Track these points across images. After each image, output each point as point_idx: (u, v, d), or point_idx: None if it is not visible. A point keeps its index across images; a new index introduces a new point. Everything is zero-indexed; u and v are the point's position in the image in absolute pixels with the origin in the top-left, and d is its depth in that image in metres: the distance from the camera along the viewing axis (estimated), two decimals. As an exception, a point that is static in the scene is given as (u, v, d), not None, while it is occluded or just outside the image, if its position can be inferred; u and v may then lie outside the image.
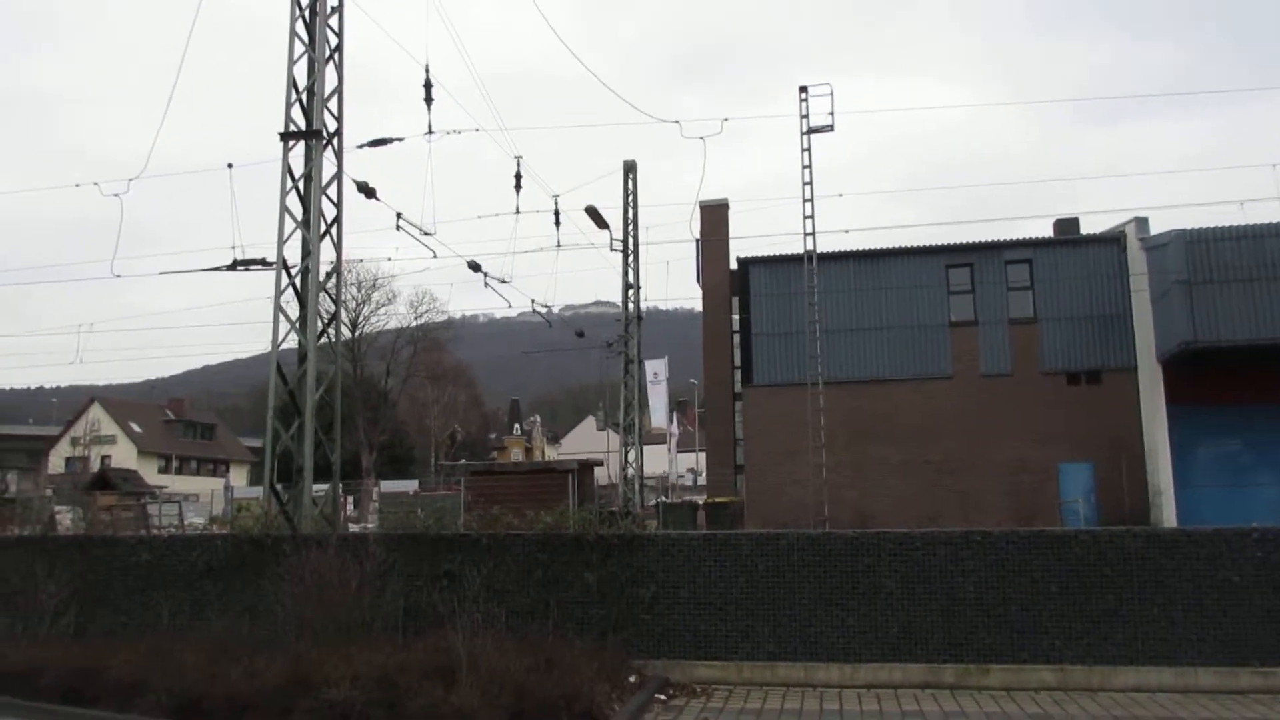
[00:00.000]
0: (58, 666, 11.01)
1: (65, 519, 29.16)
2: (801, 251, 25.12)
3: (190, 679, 10.15)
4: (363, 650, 10.46)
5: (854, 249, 29.17)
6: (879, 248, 29.37)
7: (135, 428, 75.13)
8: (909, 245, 29.23)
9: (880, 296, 28.53)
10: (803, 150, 24.62)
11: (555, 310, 30.86)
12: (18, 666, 11.21)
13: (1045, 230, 31.86)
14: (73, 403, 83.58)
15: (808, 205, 24.54)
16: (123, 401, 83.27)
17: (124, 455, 70.07)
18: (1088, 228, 30.27)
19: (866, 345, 28.44)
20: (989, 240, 28.67)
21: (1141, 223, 26.65)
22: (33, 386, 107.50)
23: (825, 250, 26.47)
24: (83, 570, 13.27)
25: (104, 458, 67.93)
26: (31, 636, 12.07)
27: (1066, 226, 30.46)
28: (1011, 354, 27.76)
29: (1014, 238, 28.88)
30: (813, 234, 24.67)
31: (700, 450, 62.10)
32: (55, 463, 69.02)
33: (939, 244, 28.89)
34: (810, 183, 24.52)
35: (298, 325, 14.65)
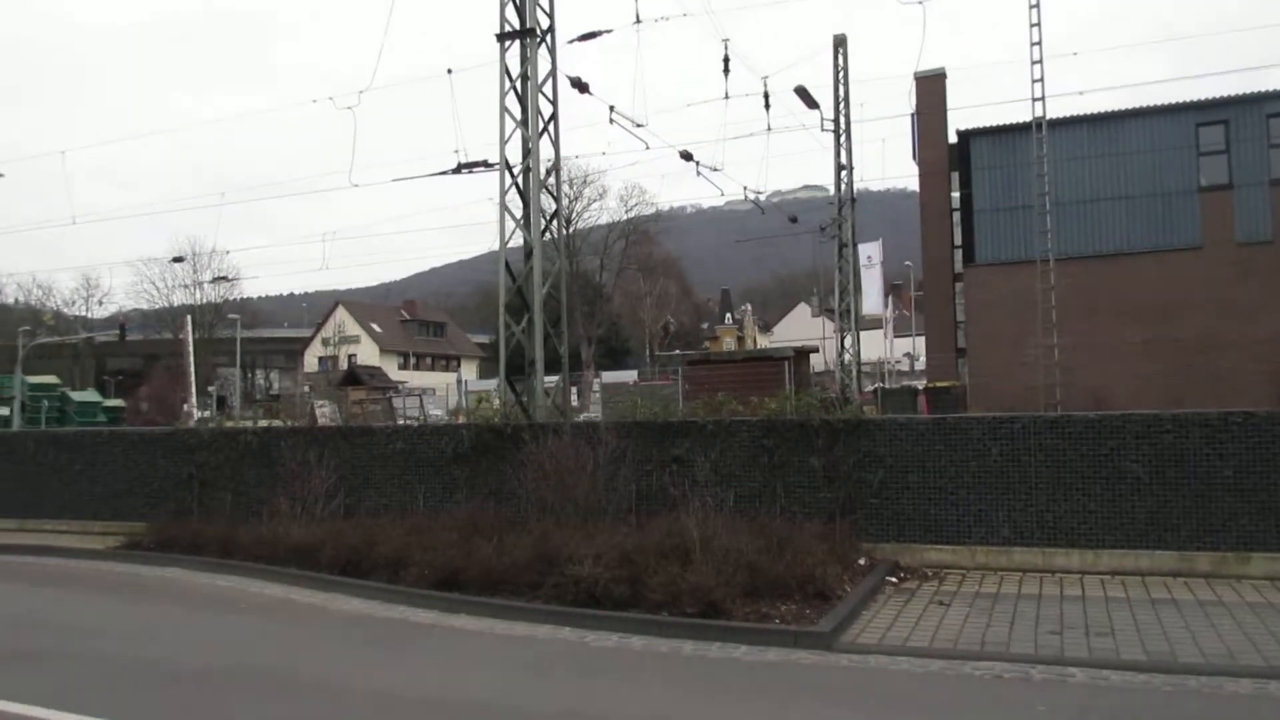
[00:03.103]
0: (333, 543, 12.28)
1: (323, 412, 32.04)
2: (1029, 119, 23.43)
3: (447, 555, 11.08)
4: (600, 531, 11.05)
5: (1088, 113, 26.90)
6: (1116, 109, 26.90)
7: (376, 328, 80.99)
8: (1152, 104, 26.62)
9: (1118, 163, 26.27)
10: (1030, 6, 22.74)
11: (764, 197, 30.40)
12: (301, 543, 12.60)
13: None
14: (320, 307, 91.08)
15: (1036, 68, 22.75)
16: (363, 304, 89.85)
17: (367, 353, 75.83)
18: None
19: (1102, 216, 26.40)
20: (1247, 93, 25.68)
21: None
22: (285, 293, 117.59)
23: (1055, 116, 24.56)
24: (348, 458, 14.63)
25: (350, 356, 73.83)
26: (309, 516, 13.46)
27: (1344, 70, 26.89)
28: (1273, 219, 25.04)
29: (1277, 88, 25.75)
30: (1041, 99, 22.91)
31: (917, 334, 60.38)
32: (309, 362, 75.71)
33: (1188, 100, 26.17)
34: (1039, 42, 22.66)
35: (522, 223, 15.15)
